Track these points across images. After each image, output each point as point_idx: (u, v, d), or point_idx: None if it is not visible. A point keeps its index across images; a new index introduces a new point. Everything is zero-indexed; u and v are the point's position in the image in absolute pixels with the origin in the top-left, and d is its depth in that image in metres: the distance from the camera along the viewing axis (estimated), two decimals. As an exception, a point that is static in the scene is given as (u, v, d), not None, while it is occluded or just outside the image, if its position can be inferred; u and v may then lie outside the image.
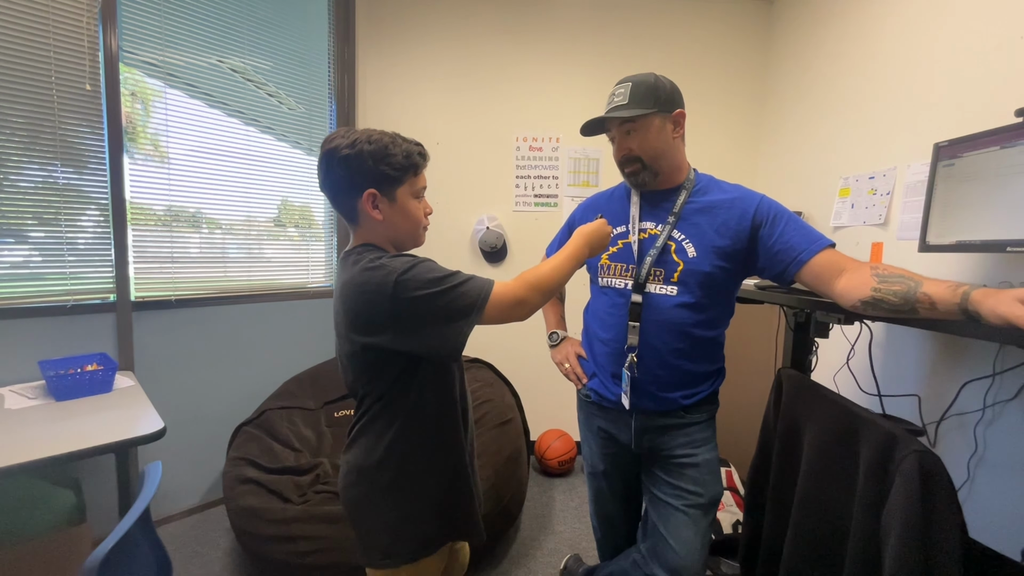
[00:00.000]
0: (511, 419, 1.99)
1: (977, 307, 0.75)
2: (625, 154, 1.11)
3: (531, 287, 0.88)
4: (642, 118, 1.07)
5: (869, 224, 1.77)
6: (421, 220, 0.96)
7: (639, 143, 1.09)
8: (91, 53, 1.73)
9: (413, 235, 0.97)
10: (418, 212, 0.95)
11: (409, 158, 0.90)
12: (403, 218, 0.93)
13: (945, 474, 0.82)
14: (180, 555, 1.82)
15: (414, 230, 0.96)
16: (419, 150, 0.93)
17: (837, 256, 0.99)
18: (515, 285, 0.87)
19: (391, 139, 0.89)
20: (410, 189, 0.92)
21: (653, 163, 1.10)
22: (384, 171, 0.88)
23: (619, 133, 1.11)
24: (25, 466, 1.10)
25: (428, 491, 0.93)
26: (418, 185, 0.94)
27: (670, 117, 1.09)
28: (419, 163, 0.92)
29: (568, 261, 0.96)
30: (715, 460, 1.16)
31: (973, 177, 1.15)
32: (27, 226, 1.68)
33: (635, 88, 1.07)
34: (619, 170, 1.16)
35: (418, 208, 0.95)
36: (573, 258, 0.98)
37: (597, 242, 1.02)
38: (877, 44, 1.80)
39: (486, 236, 2.53)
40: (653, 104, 1.06)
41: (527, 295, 0.87)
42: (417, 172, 0.93)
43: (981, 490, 1.31)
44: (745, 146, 2.63)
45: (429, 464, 0.93)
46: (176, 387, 2.03)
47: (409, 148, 0.90)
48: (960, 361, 1.38)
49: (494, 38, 2.54)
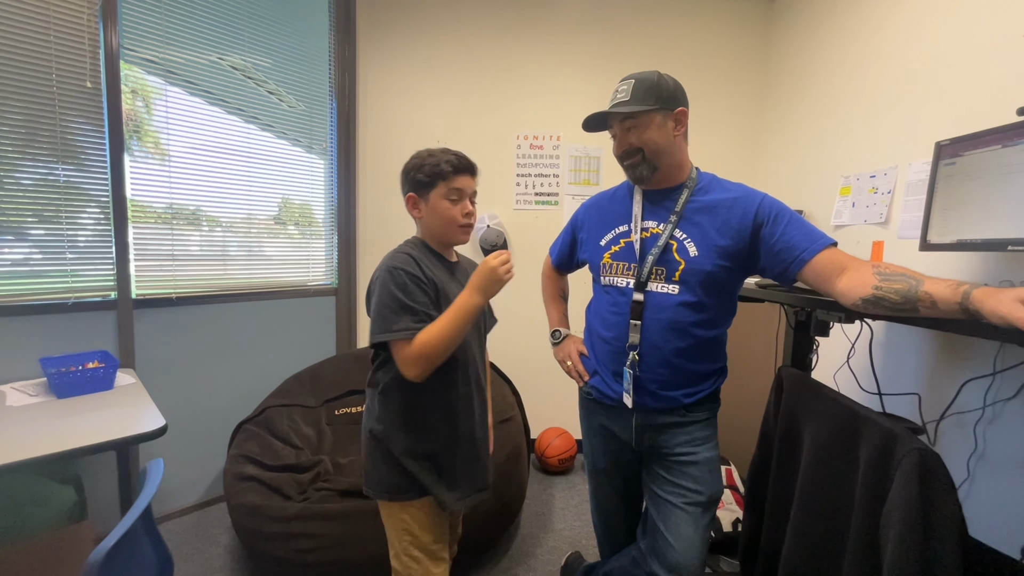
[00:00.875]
0: (511, 417, 1.99)
1: (978, 306, 0.75)
2: (626, 148, 1.11)
3: (423, 362, 0.98)
4: (643, 115, 1.07)
5: (870, 223, 1.77)
6: (454, 219, 1.08)
7: (638, 137, 1.09)
8: (92, 50, 1.73)
9: (446, 232, 1.11)
10: (449, 212, 1.08)
11: (438, 166, 1.06)
12: (434, 217, 1.09)
13: (945, 472, 0.82)
14: (181, 552, 1.83)
15: (446, 227, 1.10)
16: (450, 159, 1.07)
17: (839, 255, 0.99)
18: (413, 356, 0.98)
19: (431, 153, 1.08)
20: (441, 192, 1.07)
21: (653, 157, 1.10)
22: (418, 178, 1.07)
23: (620, 130, 1.12)
24: (26, 463, 1.10)
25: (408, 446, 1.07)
26: (450, 187, 1.07)
27: (671, 115, 1.09)
28: (446, 170, 1.06)
29: (456, 319, 0.99)
30: (716, 458, 1.16)
31: (974, 176, 1.15)
32: (28, 224, 1.68)
33: (637, 85, 1.07)
34: (620, 165, 1.16)
35: (449, 209, 1.08)
36: (464, 311, 1.00)
37: (489, 285, 1.01)
38: (878, 42, 1.80)
39: (487, 234, 2.53)
40: (655, 101, 1.06)
41: (415, 371, 0.99)
42: (446, 178, 1.06)
43: (981, 488, 1.31)
44: (745, 144, 2.62)
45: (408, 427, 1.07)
46: (177, 385, 2.04)
47: (441, 158, 1.06)
48: (960, 360, 1.38)
49: (495, 36, 2.54)
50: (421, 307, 1.01)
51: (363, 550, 1.47)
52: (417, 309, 1.00)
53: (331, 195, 2.49)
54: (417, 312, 1.00)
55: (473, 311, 1.00)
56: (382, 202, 2.55)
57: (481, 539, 1.74)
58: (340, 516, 1.51)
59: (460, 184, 1.07)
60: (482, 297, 1.01)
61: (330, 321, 2.52)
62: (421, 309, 1.01)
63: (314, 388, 2.21)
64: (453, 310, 1.00)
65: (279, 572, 1.58)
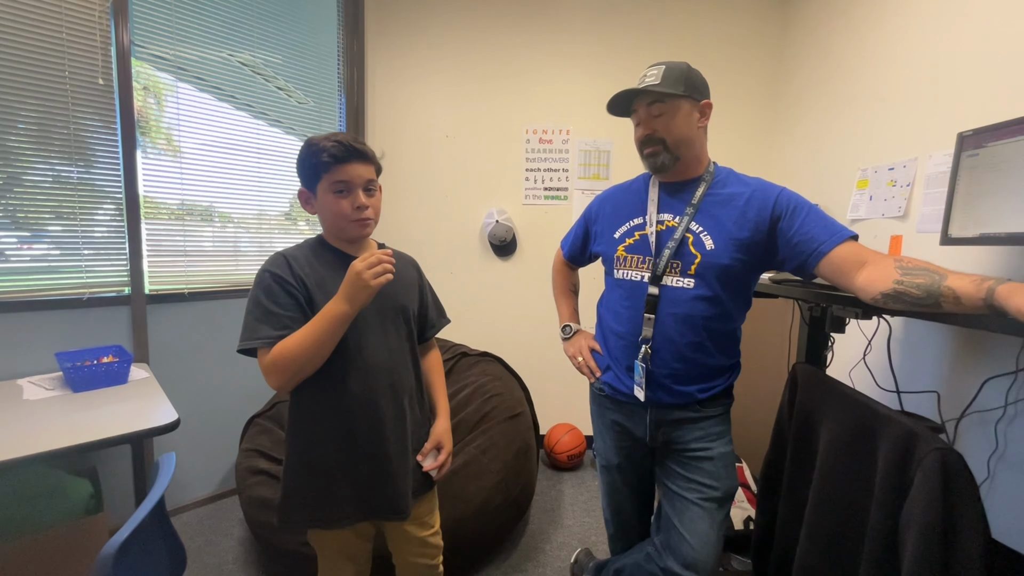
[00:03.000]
0: (520, 413, 1.98)
1: (1003, 303, 0.73)
2: (649, 133, 1.08)
3: (277, 371, 0.91)
4: (672, 99, 1.05)
5: (888, 217, 1.73)
6: (342, 214, 0.97)
7: (664, 125, 1.07)
8: (103, 47, 1.74)
9: (338, 228, 1.00)
10: (335, 207, 0.97)
11: (317, 156, 0.94)
12: (323, 212, 1.00)
13: (968, 473, 0.80)
14: (195, 543, 1.85)
15: (336, 223, 1.00)
16: (332, 147, 0.94)
17: (859, 248, 0.97)
18: (268, 364, 0.91)
19: (316, 141, 0.95)
20: (326, 185, 0.96)
21: (676, 148, 1.08)
22: (304, 171, 0.98)
23: (646, 113, 1.08)
24: (43, 456, 1.11)
25: (290, 467, 1.04)
26: (335, 179, 0.95)
27: (698, 105, 1.08)
28: (325, 160, 0.94)
29: (318, 328, 0.90)
30: (730, 454, 1.15)
31: (999, 167, 1.12)
32: (43, 221, 1.69)
33: (668, 71, 1.06)
34: (639, 152, 1.13)
35: (335, 203, 0.97)
36: (327, 320, 0.90)
37: (355, 293, 0.90)
38: (898, 31, 1.75)
39: (495, 230, 2.52)
40: (684, 89, 1.05)
41: (272, 380, 0.92)
42: (328, 169, 0.95)
43: (1002, 489, 1.29)
44: (760, 137, 2.58)
45: (296, 441, 1.03)
46: (190, 379, 2.06)
47: (324, 146, 0.94)
48: (981, 357, 1.35)
49: (503, 29, 2.52)
50: (285, 311, 0.93)
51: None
52: (280, 314, 0.92)
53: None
54: (281, 317, 0.92)
55: (337, 319, 0.89)
56: (389, 197, 2.54)
57: (490, 535, 1.74)
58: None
59: (346, 175, 0.95)
60: (349, 305, 0.89)
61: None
62: (285, 314, 0.92)
63: (324, 383, 2.22)
64: (317, 319, 0.91)
65: (290, 564, 1.59)
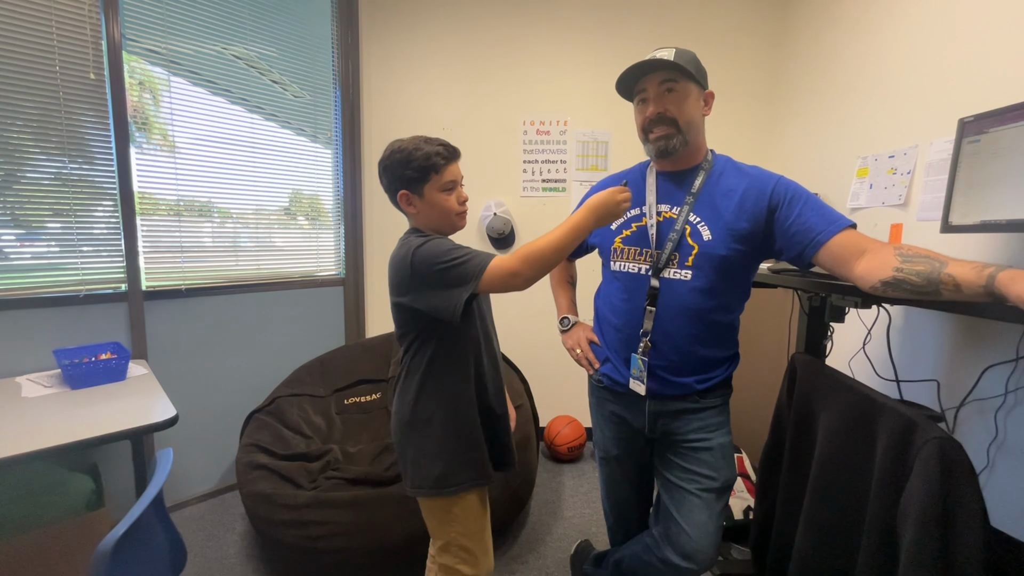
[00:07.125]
0: (520, 405, 1.98)
1: (1004, 290, 0.72)
2: (661, 112, 1.06)
3: (525, 261, 0.95)
4: (685, 78, 1.04)
5: (888, 205, 1.72)
6: (451, 209, 1.07)
7: (676, 103, 1.05)
8: (94, 41, 1.72)
9: (445, 223, 1.09)
10: (446, 203, 1.06)
11: (428, 159, 1.02)
12: (432, 210, 1.06)
13: (967, 462, 0.80)
14: (196, 538, 1.86)
15: (444, 218, 1.08)
16: (438, 151, 1.03)
17: (858, 237, 0.96)
18: (510, 259, 0.96)
19: (415, 145, 1.03)
20: (435, 185, 1.04)
21: (687, 129, 1.06)
22: (409, 175, 1.03)
23: (658, 91, 1.06)
24: (42, 452, 1.12)
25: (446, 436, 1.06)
26: (443, 180, 1.04)
27: (703, 93, 1.08)
28: (438, 163, 1.03)
29: (569, 233, 0.97)
30: (729, 444, 1.14)
31: (1000, 153, 1.10)
32: (39, 217, 1.69)
33: (680, 53, 1.05)
34: (643, 136, 1.11)
35: (446, 200, 1.06)
36: (575, 229, 0.98)
37: (605, 212, 1.00)
38: (899, 16, 1.72)
39: (493, 222, 2.51)
40: (696, 72, 1.05)
41: (520, 268, 0.95)
42: (439, 171, 1.03)
43: (1001, 477, 1.28)
44: (760, 126, 2.56)
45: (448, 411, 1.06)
46: (189, 375, 2.06)
47: (429, 151, 1.02)
48: (981, 345, 1.34)
49: (500, 20, 2.49)
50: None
51: (372, 537, 1.49)
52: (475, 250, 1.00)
53: (337, 185, 2.48)
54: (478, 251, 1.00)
55: (584, 229, 0.99)
56: (388, 191, 2.53)
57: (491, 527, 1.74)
58: (350, 504, 1.52)
59: (452, 175, 1.06)
60: (595, 221, 0.99)
61: (339, 311, 2.52)
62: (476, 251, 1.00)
63: (323, 378, 2.23)
64: (565, 224, 0.98)
65: (291, 558, 1.61)
